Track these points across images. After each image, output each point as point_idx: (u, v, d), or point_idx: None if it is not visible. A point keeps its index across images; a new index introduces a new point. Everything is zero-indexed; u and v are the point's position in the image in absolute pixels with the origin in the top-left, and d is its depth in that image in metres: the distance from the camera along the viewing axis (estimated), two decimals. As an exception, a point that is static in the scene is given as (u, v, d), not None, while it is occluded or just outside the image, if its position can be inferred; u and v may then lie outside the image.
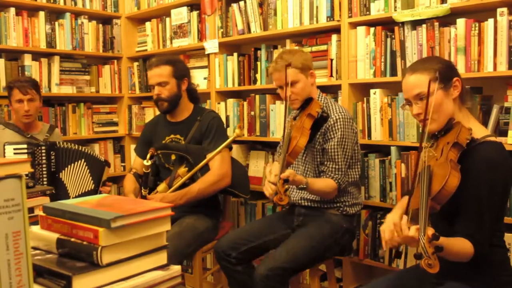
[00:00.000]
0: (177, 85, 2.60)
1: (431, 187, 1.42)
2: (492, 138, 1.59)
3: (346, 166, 2.22)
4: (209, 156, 2.54)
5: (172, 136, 2.64)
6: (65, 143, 2.66)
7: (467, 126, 1.59)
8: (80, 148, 2.67)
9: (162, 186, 2.52)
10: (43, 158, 2.56)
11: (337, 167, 2.20)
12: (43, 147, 2.55)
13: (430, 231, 1.29)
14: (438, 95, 1.59)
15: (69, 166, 2.60)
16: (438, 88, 1.59)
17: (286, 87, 2.16)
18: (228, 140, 2.58)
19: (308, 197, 2.31)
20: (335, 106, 2.28)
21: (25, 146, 2.58)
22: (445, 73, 1.62)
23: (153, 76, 2.57)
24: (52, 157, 2.57)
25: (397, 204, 1.89)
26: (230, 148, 2.68)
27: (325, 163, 2.23)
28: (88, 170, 2.68)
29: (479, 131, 1.61)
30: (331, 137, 2.21)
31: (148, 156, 2.51)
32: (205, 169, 2.53)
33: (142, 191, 2.53)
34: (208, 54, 3.33)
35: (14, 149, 2.57)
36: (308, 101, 2.25)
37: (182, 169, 2.54)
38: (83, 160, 2.65)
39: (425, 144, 1.61)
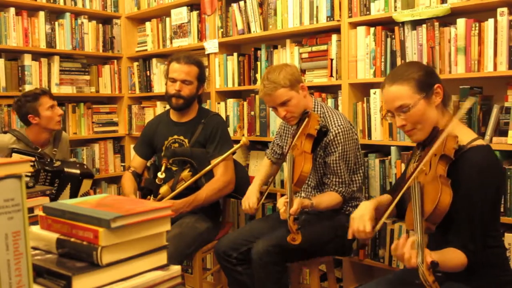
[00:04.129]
0: (197, 87, 2.60)
1: (423, 208, 1.39)
2: (479, 142, 1.56)
3: (349, 177, 2.22)
4: (214, 162, 2.54)
5: (175, 136, 2.64)
6: (69, 167, 2.65)
7: (453, 132, 1.57)
8: (73, 172, 2.66)
9: (164, 188, 2.52)
10: (47, 183, 2.52)
11: (340, 180, 2.19)
12: (49, 173, 2.52)
13: (429, 257, 1.28)
14: (420, 105, 1.57)
15: (63, 192, 2.59)
16: (420, 98, 1.57)
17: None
18: (233, 148, 2.59)
19: None
20: (334, 117, 2.22)
21: (33, 159, 2.55)
22: (426, 81, 1.59)
23: (181, 72, 2.54)
24: (56, 184, 2.55)
25: (376, 198, 1.85)
26: (233, 153, 2.68)
27: (328, 176, 2.21)
28: (69, 191, 2.68)
29: (465, 135, 1.58)
30: (332, 151, 2.18)
31: (163, 168, 2.50)
32: (209, 174, 2.53)
33: (152, 199, 2.51)
34: (208, 54, 3.33)
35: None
36: (304, 115, 2.19)
37: (185, 173, 2.54)
38: (69, 184, 2.66)
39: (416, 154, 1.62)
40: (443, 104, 1.63)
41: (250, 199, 2.27)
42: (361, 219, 1.67)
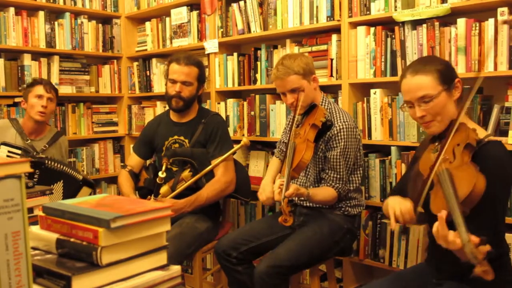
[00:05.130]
0: (197, 88, 2.60)
1: (457, 192, 1.36)
2: (493, 138, 1.59)
3: (347, 175, 2.22)
4: (214, 162, 2.53)
5: (176, 137, 2.63)
6: (54, 163, 2.62)
7: (471, 125, 1.58)
8: (63, 168, 2.65)
9: (164, 189, 2.51)
10: (26, 173, 2.51)
11: (338, 176, 2.19)
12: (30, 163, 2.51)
13: (475, 237, 1.23)
14: (442, 97, 1.57)
15: (51, 187, 2.58)
16: (442, 90, 1.57)
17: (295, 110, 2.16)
18: (234, 149, 2.58)
19: None
20: (340, 114, 2.24)
21: (19, 152, 2.57)
22: (448, 74, 1.60)
23: (181, 74, 2.53)
24: (36, 175, 2.53)
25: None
26: (234, 153, 2.67)
27: (326, 171, 2.21)
28: (62, 191, 2.66)
29: (480, 132, 1.60)
30: (334, 146, 2.18)
31: (164, 167, 2.49)
32: (209, 174, 2.53)
33: (152, 199, 2.51)
34: (208, 54, 3.33)
35: (9, 151, 2.55)
36: (312, 107, 2.21)
37: (186, 173, 2.53)
38: (61, 181, 2.64)
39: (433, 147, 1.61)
40: (459, 100, 1.63)
41: (265, 191, 2.22)
42: (401, 203, 1.57)
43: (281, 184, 1.97)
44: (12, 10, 3.29)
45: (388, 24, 2.51)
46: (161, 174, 2.49)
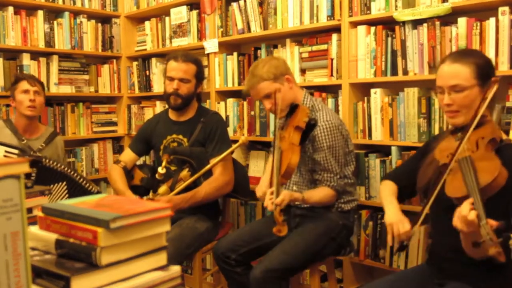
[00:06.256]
0: (195, 86, 2.59)
1: (478, 178, 1.38)
2: None
3: (340, 169, 2.20)
4: (213, 161, 2.52)
5: (174, 136, 2.62)
6: (52, 162, 2.59)
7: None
8: (66, 170, 2.61)
9: (163, 189, 2.50)
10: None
11: (331, 175, 2.18)
12: None
13: (492, 221, 1.26)
14: (474, 91, 1.58)
15: (55, 186, 2.56)
16: (476, 84, 1.58)
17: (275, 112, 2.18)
18: (233, 147, 2.57)
19: None
20: (322, 112, 2.21)
21: (16, 151, 2.56)
22: (486, 70, 1.60)
23: (178, 71, 2.52)
24: (33, 174, 2.52)
25: (389, 196, 1.83)
26: (232, 152, 2.66)
27: (319, 172, 2.20)
28: (66, 193, 2.63)
29: (502, 134, 1.60)
30: (319, 147, 2.16)
31: (164, 163, 2.48)
32: (208, 173, 2.52)
33: (151, 195, 2.50)
34: (208, 54, 3.32)
35: (6, 151, 2.55)
36: (294, 108, 2.19)
37: (184, 173, 2.52)
38: (64, 182, 2.61)
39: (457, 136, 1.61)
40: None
41: (261, 186, 2.30)
42: (400, 222, 1.64)
43: (272, 192, 1.96)
44: (11, 9, 3.28)
45: (388, 24, 2.50)
46: (161, 170, 2.47)
